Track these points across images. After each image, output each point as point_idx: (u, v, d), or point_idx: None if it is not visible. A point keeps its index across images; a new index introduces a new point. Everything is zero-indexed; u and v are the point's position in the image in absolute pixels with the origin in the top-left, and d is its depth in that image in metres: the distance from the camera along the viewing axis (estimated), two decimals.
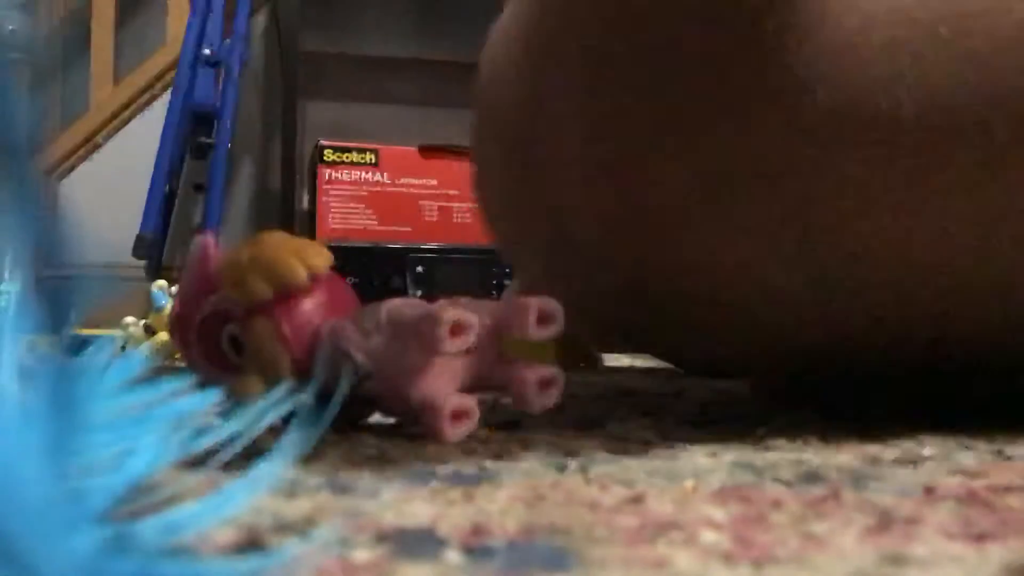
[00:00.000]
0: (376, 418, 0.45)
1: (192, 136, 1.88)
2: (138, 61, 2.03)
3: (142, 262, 1.82)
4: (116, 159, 1.99)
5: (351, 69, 2.10)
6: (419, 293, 1.70)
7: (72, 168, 1.99)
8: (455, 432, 0.40)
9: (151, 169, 1.83)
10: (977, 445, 0.40)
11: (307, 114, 2.08)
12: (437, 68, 2.09)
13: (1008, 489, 0.31)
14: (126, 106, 2.01)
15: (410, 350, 0.40)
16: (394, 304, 0.42)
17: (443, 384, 0.41)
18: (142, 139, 1.94)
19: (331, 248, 0.44)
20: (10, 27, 1.92)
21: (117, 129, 2.01)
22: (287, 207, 1.95)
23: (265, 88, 2.09)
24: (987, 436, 0.42)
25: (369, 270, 1.69)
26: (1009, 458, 0.37)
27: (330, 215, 1.83)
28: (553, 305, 0.41)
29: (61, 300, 0.16)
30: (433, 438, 0.40)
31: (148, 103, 2.01)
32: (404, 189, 1.87)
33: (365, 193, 1.85)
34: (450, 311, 0.39)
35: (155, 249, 1.84)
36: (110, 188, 1.97)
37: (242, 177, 2.07)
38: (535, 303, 0.41)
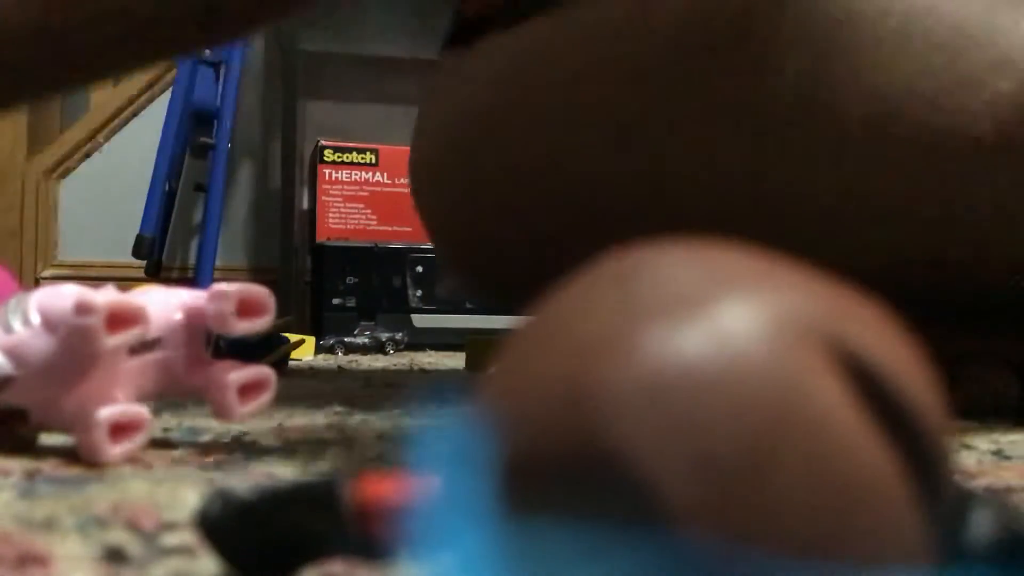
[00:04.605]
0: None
1: (192, 136, 1.88)
2: None
3: (142, 262, 1.82)
4: (116, 159, 1.99)
5: (351, 69, 2.10)
6: (419, 293, 1.70)
7: (72, 168, 1.99)
8: (115, 450, 0.32)
9: (151, 169, 1.83)
10: (977, 445, 0.39)
11: (307, 114, 2.08)
12: None
13: (1008, 489, 0.31)
14: (126, 106, 2.00)
15: (62, 347, 0.32)
16: (46, 292, 0.34)
17: (107, 390, 0.33)
18: (142, 139, 1.94)
19: (331, 248, 0.43)
20: None
21: (117, 129, 2.01)
22: (287, 207, 1.95)
23: (265, 88, 2.09)
24: (987, 436, 0.42)
25: (369, 270, 1.69)
26: (1009, 458, 0.37)
27: (330, 215, 1.83)
28: (261, 293, 0.35)
29: None
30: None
31: (148, 103, 2.00)
32: (404, 189, 1.86)
33: (365, 193, 1.85)
34: (111, 297, 0.32)
35: (155, 249, 1.84)
36: (110, 188, 1.97)
37: (242, 177, 2.07)
38: (236, 290, 0.34)
